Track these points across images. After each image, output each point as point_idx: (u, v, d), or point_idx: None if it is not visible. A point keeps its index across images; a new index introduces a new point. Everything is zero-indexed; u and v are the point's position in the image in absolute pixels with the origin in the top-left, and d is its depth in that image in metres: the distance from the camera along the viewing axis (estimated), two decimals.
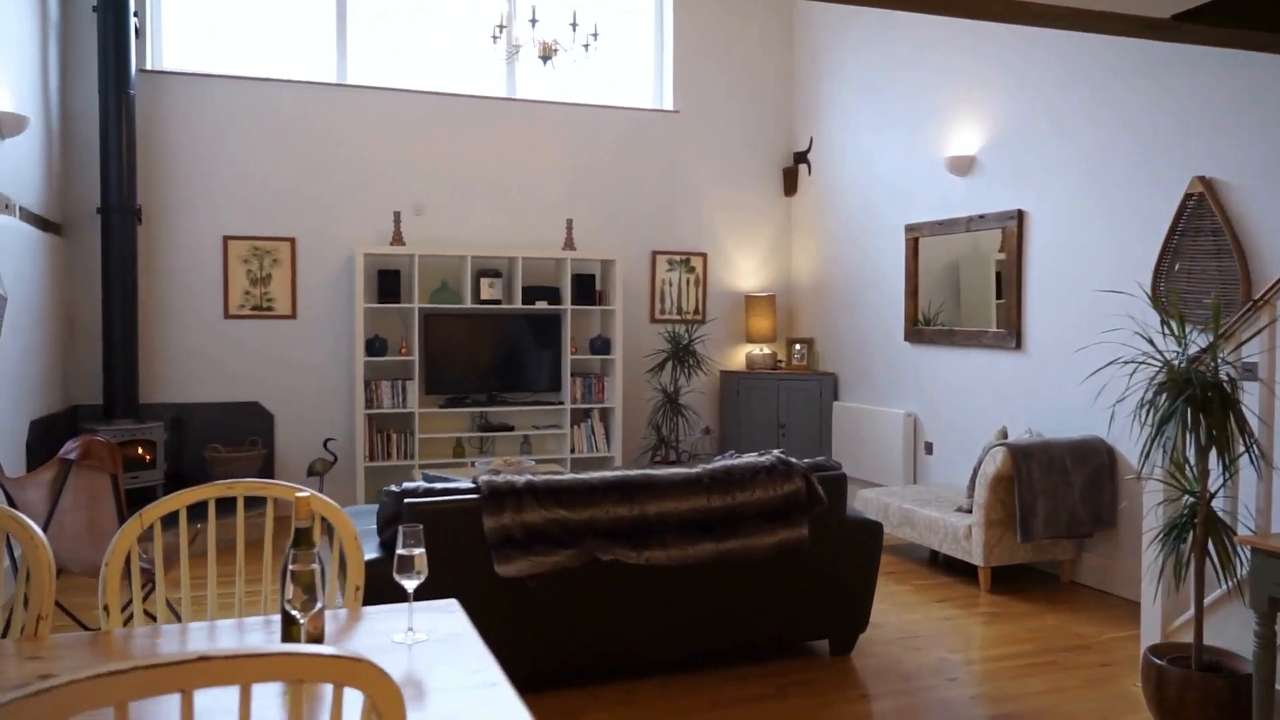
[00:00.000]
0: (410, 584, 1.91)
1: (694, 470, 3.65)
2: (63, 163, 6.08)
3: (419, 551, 1.91)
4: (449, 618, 2.08)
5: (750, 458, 3.83)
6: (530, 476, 3.49)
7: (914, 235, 6.35)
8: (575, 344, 7.11)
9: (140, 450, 6.12)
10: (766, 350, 7.60)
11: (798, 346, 7.55)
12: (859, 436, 6.81)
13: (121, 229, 6.07)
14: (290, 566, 1.72)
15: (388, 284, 6.65)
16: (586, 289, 7.08)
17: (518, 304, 6.86)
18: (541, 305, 6.91)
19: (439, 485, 3.47)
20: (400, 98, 6.89)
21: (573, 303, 7.04)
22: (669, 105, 7.57)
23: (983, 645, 4.15)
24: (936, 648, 4.05)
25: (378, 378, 6.70)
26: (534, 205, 7.21)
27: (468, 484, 3.50)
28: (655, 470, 3.64)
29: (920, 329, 6.33)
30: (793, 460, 3.78)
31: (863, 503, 5.65)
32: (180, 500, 2.26)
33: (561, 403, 7.02)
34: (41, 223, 5.59)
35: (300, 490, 2.19)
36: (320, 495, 2.31)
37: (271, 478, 6.64)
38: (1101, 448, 4.80)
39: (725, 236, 7.75)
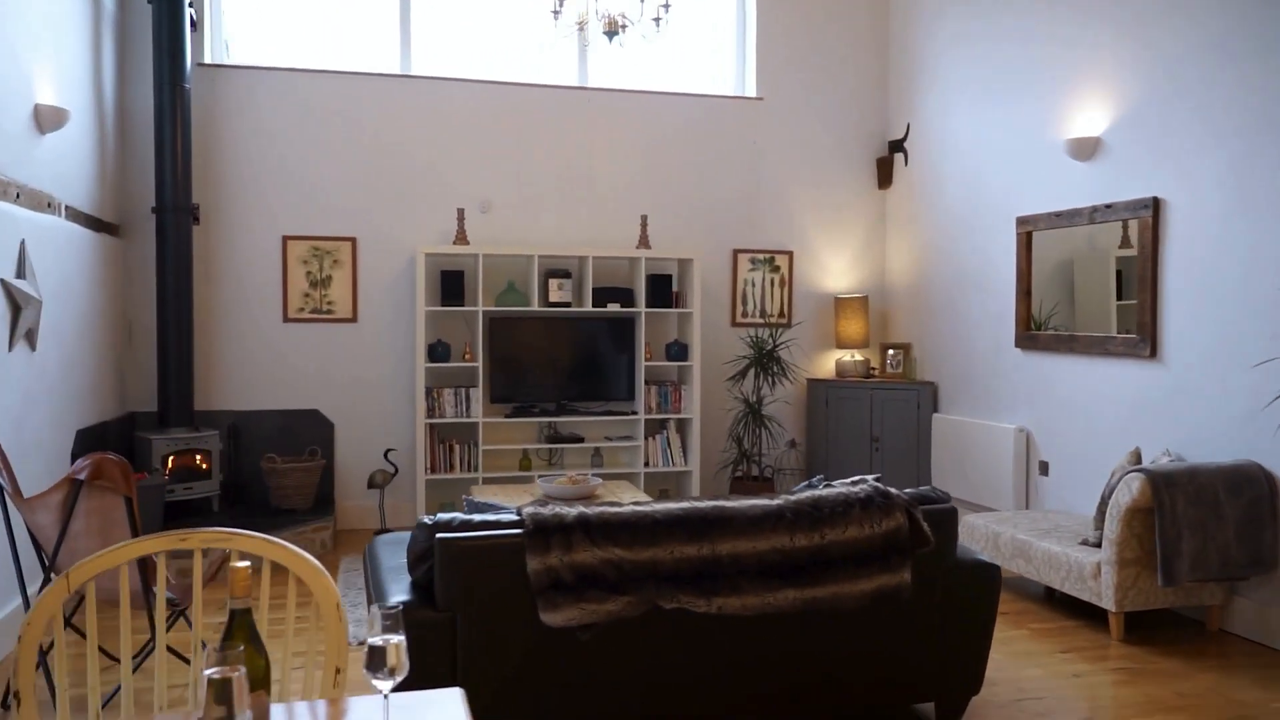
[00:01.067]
0: (385, 684, 1.43)
1: (774, 502, 3.11)
2: (119, 160, 5.85)
3: (396, 640, 1.43)
4: (445, 715, 1.59)
5: (842, 486, 3.26)
6: (583, 508, 3.00)
7: (1026, 229, 5.66)
8: (650, 349, 6.62)
9: (198, 459, 5.86)
10: (858, 357, 6.98)
11: (892, 353, 6.91)
12: (962, 453, 6.15)
13: (176, 229, 5.81)
14: (206, 671, 1.26)
15: (451, 286, 6.26)
16: (662, 290, 6.58)
17: (588, 306, 6.41)
18: (614, 308, 6.44)
19: (478, 517, 3.01)
20: (466, 89, 6.51)
21: (647, 305, 6.56)
22: (751, 91, 7.01)
23: (1124, 712, 3.49)
24: (1066, 715, 3.41)
25: (440, 385, 6.32)
26: (606, 201, 6.75)
27: (511, 515, 3.03)
28: (728, 502, 3.11)
29: (1034, 334, 5.64)
30: (892, 491, 3.21)
31: (968, 531, 5.01)
32: (120, 556, 1.83)
33: (635, 413, 6.54)
34: (94, 223, 5.35)
35: (248, 555, 1.75)
36: (297, 550, 1.85)
37: (332, 490, 6.33)
38: (1260, 475, 4.08)
39: (813, 233, 7.16)
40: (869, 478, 3.30)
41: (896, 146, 7.08)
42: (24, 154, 4.32)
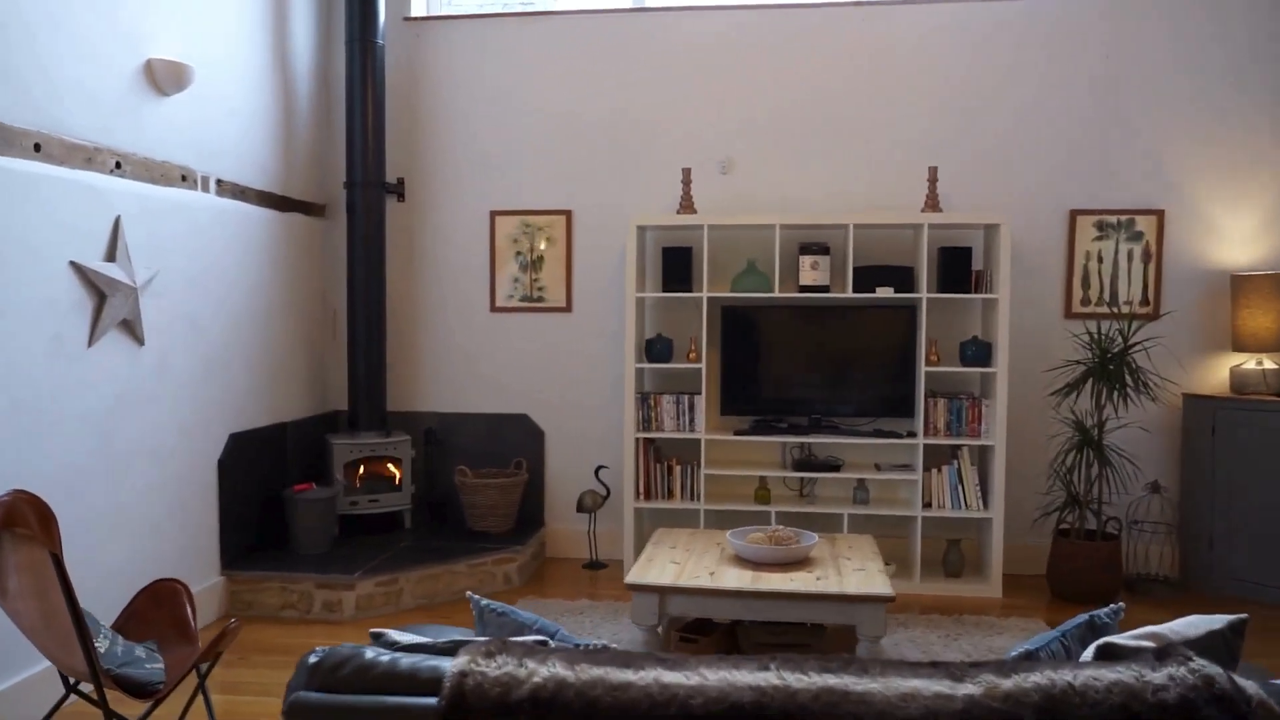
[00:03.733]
0: None
1: (957, 691, 1.49)
2: (316, 131, 5.30)
3: None
4: None
5: (1129, 640, 1.55)
6: (560, 669, 1.59)
7: None
8: (937, 349, 4.88)
9: (390, 468, 5.16)
10: (1269, 364, 4.68)
11: None
12: None
13: (367, 206, 5.13)
14: None
15: (675, 266, 5.00)
16: (957, 269, 4.80)
17: (851, 292, 4.82)
18: (886, 293, 4.79)
19: (386, 658, 1.72)
20: (704, 20, 5.19)
21: (935, 289, 4.84)
22: None
23: None
24: None
25: (660, 390, 5.10)
26: (880, 149, 5.09)
27: (436, 666, 1.70)
28: (859, 680, 1.53)
29: None
30: (1248, 689, 1.44)
31: None
32: None
33: (913, 434, 4.84)
34: (271, 200, 4.79)
35: None
36: None
37: (540, 510, 5.37)
38: None
39: (1198, 184, 4.93)
40: (1199, 663, 1.52)
41: None
42: (131, 118, 3.73)
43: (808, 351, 4.99)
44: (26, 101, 3.21)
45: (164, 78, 3.89)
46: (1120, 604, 1.97)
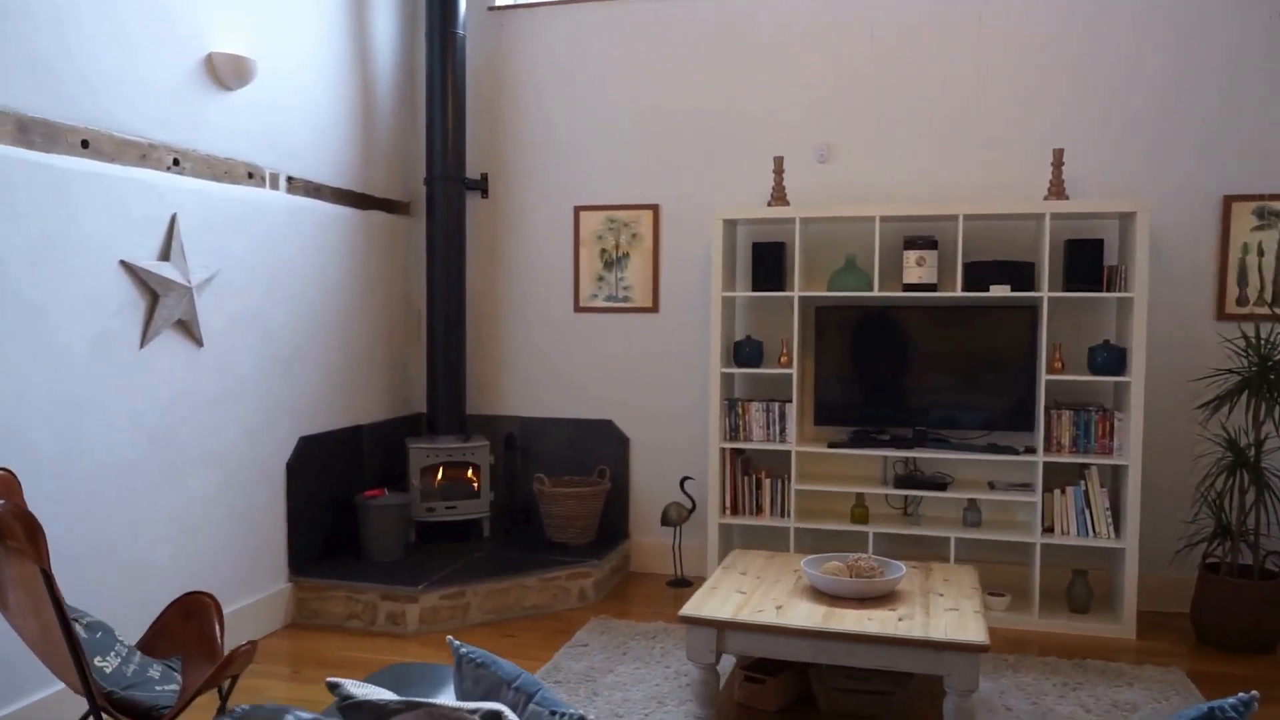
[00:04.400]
0: None
1: None
2: (400, 126, 5.17)
3: None
4: None
5: None
6: None
7: None
8: (1061, 355, 4.33)
9: (470, 474, 4.98)
10: None
11: None
12: None
13: (446, 203, 4.96)
14: None
15: (768, 263, 4.62)
16: (1086, 264, 4.24)
17: (960, 290, 4.33)
18: (1002, 291, 4.28)
19: None
20: None
21: (1060, 287, 4.30)
22: None
23: None
24: None
25: (749, 397, 4.73)
26: (994, 130, 4.57)
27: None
28: None
29: None
30: None
31: None
32: None
33: (1033, 450, 4.31)
34: (346, 197, 4.68)
35: None
36: None
37: (624, 521, 5.09)
38: None
39: None
40: None
41: None
42: (190, 113, 3.65)
43: (912, 357, 4.51)
44: (72, 98, 3.13)
45: (226, 72, 3.79)
46: (1254, 694, 1.52)
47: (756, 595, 3.13)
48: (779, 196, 4.60)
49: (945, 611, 2.97)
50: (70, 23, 3.12)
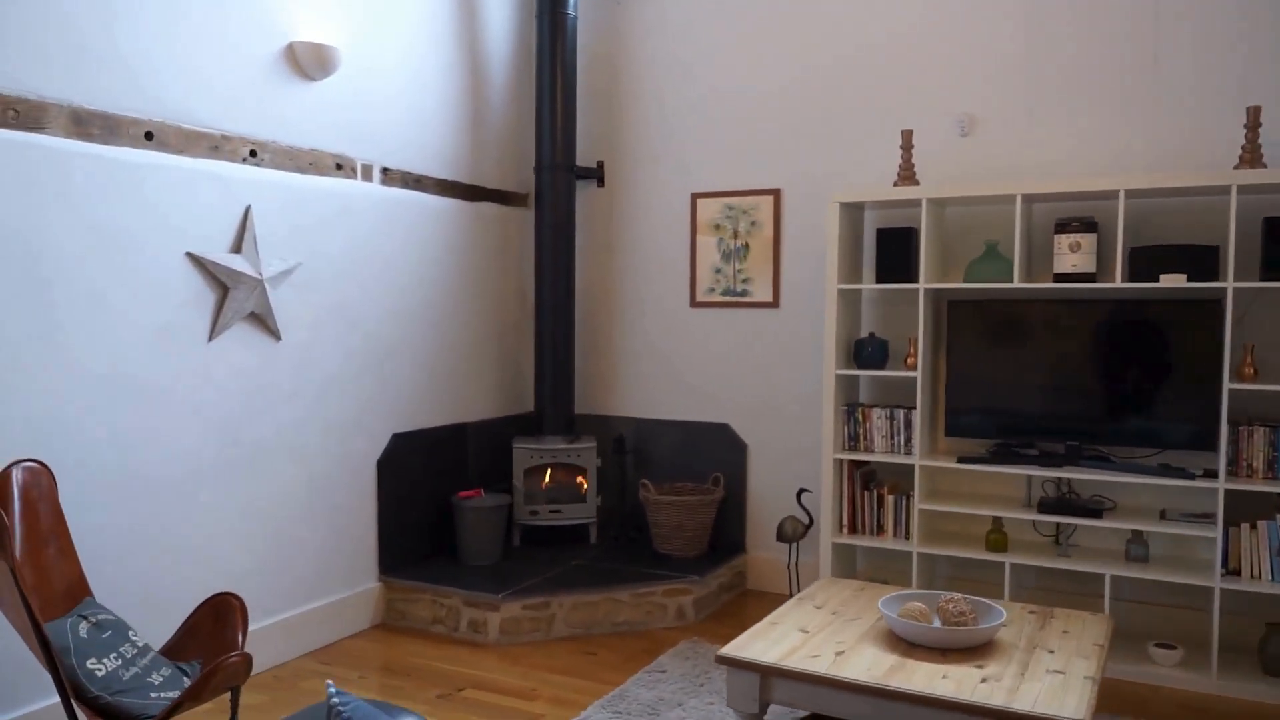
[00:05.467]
0: None
1: None
2: (510, 114, 5.00)
3: None
4: None
5: None
6: None
7: None
8: (1253, 359, 3.53)
9: (579, 478, 4.75)
10: None
11: None
12: None
13: (554, 192, 4.75)
14: None
15: (894, 251, 4.08)
16: None
17: (1124, 280, 3.62)
18: (1175, 281, 3.53)
19: None
20: None
21: (1256, 276, 3.52)
22: None
23: None
24: None
25: (872, 403, 4.21)
26: (1167, 88, 3.80)
27: None
28: None
29: None
30: None
31: None
32: None
33: (1214, 474, 3.54)
34: (459, 190, 4.57)
35: None
36: None
37: (740, 534, 4.71)
38: None
39: None
40: None
41: None
42: (268, 104, 3.60)
43: (1064, 359, 3.84)
44: (135, 89, 3.13)
45: (308, 62, 3.72)
46: None
47: (821, 635, 2.68)
48: (906, 175, 4.05)
49: (1047, 674, 2.40)
50: (131, 16, 3.11)
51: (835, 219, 4.04)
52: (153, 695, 2.49)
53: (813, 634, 2.69)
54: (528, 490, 4.68)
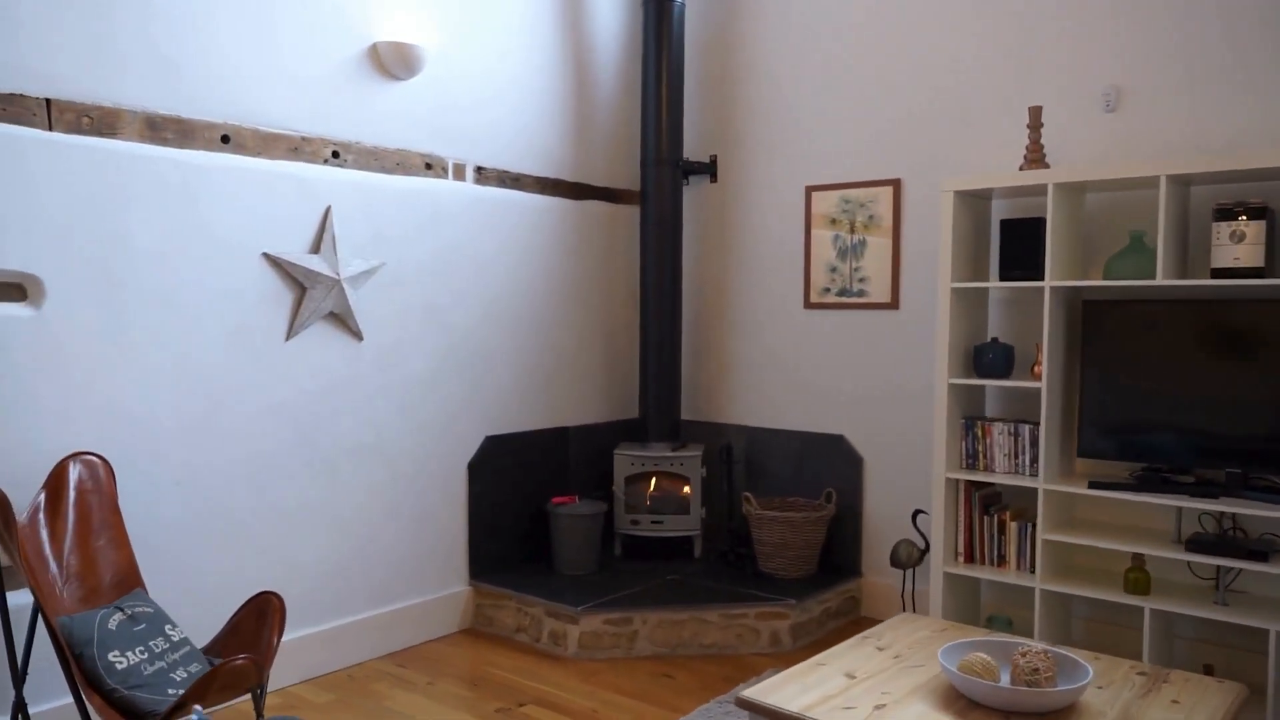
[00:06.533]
0: None
1: None
2: (619, 113, 4.84)
3: None
4: None
5: None
6: None
7: None
8: None
9: (684, 490, 4.54)
10: None
11: None
12: None
13: (659, 188, 4.55)
14: None
15: (1021, 245, 3.60)
16: None
17: None
18: None
19: None
20: None
21: None
22: None
23: None
24: None
25: (996, 416, 3.74)
26: None
27: None
28: None
29: None
30: None
31: None
32: None
33: None
34: (561, 188, 4.47)
35: None
36: None
37: (856, 554, 4.35)
38: None
39: None
40: None
41: None
42: (352, 105, 3.61)
43: (1225, 370, 3.24)
44: (212, 94, 3.20)
45: (392, 61, 3.71)
46: None
47: (869, 683, 2.33)
48: (1034, 158, 3.56)
49: None
50: (208, 21, 3.17)
51: (950, 208, 3.61)
52: (170, 691, 2.49)
53: (859, 680, 2.35)
54: (629, 499, 4.50)
